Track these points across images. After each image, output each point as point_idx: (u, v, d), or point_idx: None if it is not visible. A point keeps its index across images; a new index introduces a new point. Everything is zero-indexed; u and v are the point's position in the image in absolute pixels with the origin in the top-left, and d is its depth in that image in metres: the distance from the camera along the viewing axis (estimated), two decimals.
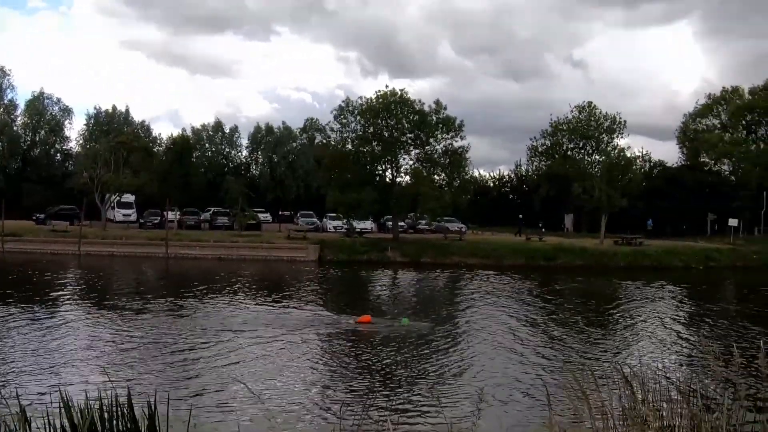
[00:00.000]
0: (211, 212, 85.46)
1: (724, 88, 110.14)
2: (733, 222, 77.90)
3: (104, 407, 7.47)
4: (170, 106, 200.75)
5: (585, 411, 8.24)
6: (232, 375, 19.28)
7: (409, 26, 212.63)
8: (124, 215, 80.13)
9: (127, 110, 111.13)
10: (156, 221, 76.04)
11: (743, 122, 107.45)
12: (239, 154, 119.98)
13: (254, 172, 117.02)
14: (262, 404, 16.22)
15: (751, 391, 11.92)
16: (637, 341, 27.44)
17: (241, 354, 22.13)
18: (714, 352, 9.34)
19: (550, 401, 9.32)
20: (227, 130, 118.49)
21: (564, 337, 27.50)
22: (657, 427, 7.71)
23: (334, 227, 78.90)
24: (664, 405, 8.33)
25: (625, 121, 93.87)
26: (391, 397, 17.59)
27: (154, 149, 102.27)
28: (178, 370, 19.77)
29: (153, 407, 7.65)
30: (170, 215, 70.55)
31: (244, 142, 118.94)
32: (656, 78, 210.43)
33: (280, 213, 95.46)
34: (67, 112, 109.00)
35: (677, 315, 35.73)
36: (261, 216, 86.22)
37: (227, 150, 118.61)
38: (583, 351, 24.33)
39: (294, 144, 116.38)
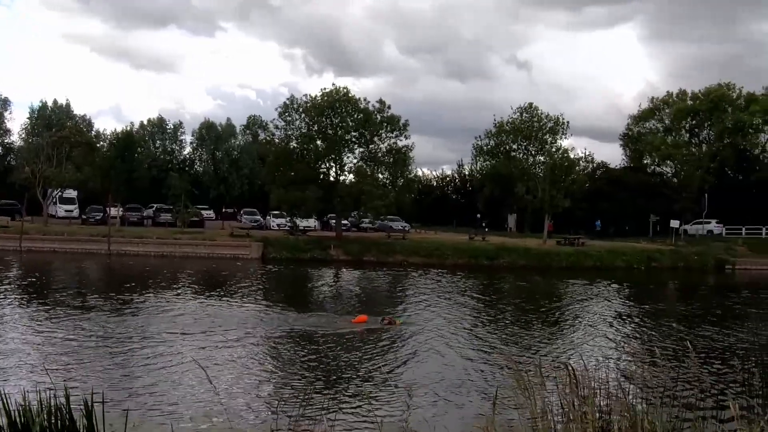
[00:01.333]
0: (154, 209, 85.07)
1: (668, 92, 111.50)
2: (674, 223, 79.01)
3: (43, 407, 7.53)
4: (113, 101, 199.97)
5: (526, 409, 8.46)
6: (170, 374, 19.31)
7: (353, 24, 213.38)
8: (66, 211, 79.08)
9: (68, 104, 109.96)
10: (98, 217, 75.44)
11: (686, 125, 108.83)
12: (183, 150, 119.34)
13: (198, 168, 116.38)
14: (201, 403, 16.32)
15: (687, 388, 12.27)
16: (579, 340, 27.77)
17: (181, 353, 21.99)
18: (653, 351, 9.62)
19: (494, 399, 9.51)
20: (171, 126, 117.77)
21: (506, 335, 27.77)
22: (597, 425, 7.95)
23: (278, 225, 78.81)
24: (605, 402, 8.57)
25: (568, 122, 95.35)
26: (329, 396, 17.68)
27: (98, 144, 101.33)
28: (117, 370, 19.67)
29: (91, 407, 7.73)
30: (113, 211, 69.96)
31: (188, 138, 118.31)
32: (600, 80, 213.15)
33: (223, 210, 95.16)
34: (5, 103, 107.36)
35: (619, 314, 36.17)
36: (204, 213, 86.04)
37: (171, 146, 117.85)
38: (525, 349, 24.55)
39: (237, 141, 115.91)
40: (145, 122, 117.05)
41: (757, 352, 15.29)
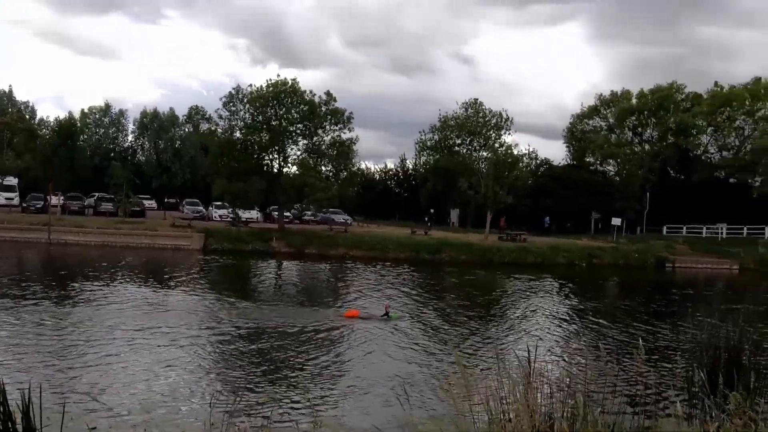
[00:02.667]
0: (95, 198, 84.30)
1: (612, 91, 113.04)
2: (616, 221, 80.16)
3: None
4: (56, 87, 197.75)
5: (466, 404, 8.62)
6: (109, 366, 19.25)
7: (298, 16, 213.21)
8: (6, 198, 77.67)
9: (10, 90, 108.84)
10: (39, 206, 74.31)
11: (629, 124, 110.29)
12: (126, 139, 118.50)
13: (140, 158, 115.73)
14: (139, 395, 16.34)
15: (630, 383, 12.51)
16: (520, 335, 27.80)
17: (121, 345, 21.91)
18: (595, 347, 9.82)
19: (448, 387, 9.68)
20: (114, 115, 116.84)
21: (447, 330, 27.87)
22: (538, 420, 8.13)
23: (220, 216, 78.64)
24: (546, 397, 8.77)
25: (512, 119, 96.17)
26: (267, 388, 17.72)
27: (40, 132, 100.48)
28: (56, 362, 19.45)
29: (28, 400, 7.78)
30: (54, 200, 69.37)
31: (131, 127, 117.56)
32: (544, 78, 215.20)
33: (165, 200, 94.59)
34: None
35: (560, 310, 36.68)
36: (146, 203, 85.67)
37: (114, 135, 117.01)
38: (466, 344, 24.68)
39: (180, 131, 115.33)
40: (87, 110, 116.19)
41: (699, 349, 15.57)
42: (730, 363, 13.66)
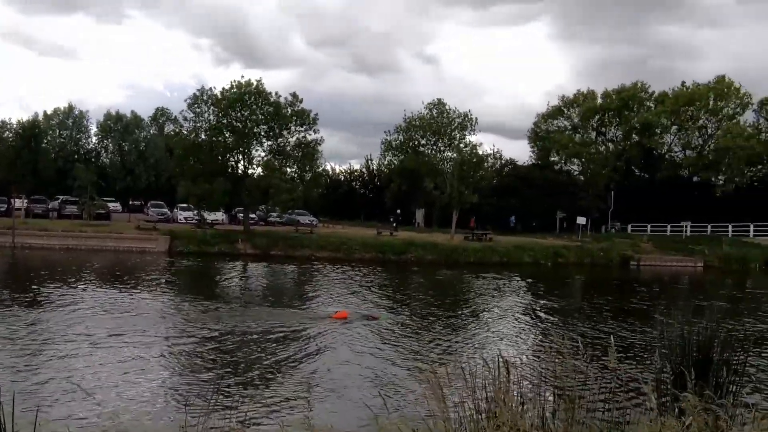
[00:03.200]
0: (60, 201, 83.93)
1: (579, 90, 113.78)
2: (581, 220, 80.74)
3: None
4: (18, 89, 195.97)
5: (434, 404, 8.69)
6: (77, 371, 19.15)
7: (261, 15, 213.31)
8: None
9: None
10: (2, 209, 73.86)
11: (593, 124, 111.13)
12: (89, 141, 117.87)
13: (104, 160, 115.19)
14: (109, 401, 16.29)
15: (602, 380, 12.65)
16: (490, 334, 27.84)
17: (89, 350, 21.76)
18: (565, 344, 9.92)
19: (431, 388, 9.73)
20: (76, 116, 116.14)
21: (415, 330, 27.80)
22: (512, 417, 8.22)
23: (185, 218, 78.62)
24: (519, 395, 8.86)
25: (476, 119, 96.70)
26: (240, 393, 17.65)
27: (2, 134, 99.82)
28: (22, 368, 19.32)
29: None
30: (17, 203, 69.03)
31: (94, 129, 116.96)
32: (508, 78, 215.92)
33: (130, 203, 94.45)
34: None
35: (528, 308, 36.71)
36: (111, 205, 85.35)
37: (77, 137, 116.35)
38: (439, 344, 24.77)
39: (144, 132, 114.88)
40: (50, 112, 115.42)
41: (668, 345, 15.72)
42: (700, 359, 13.85)
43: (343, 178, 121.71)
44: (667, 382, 14.44)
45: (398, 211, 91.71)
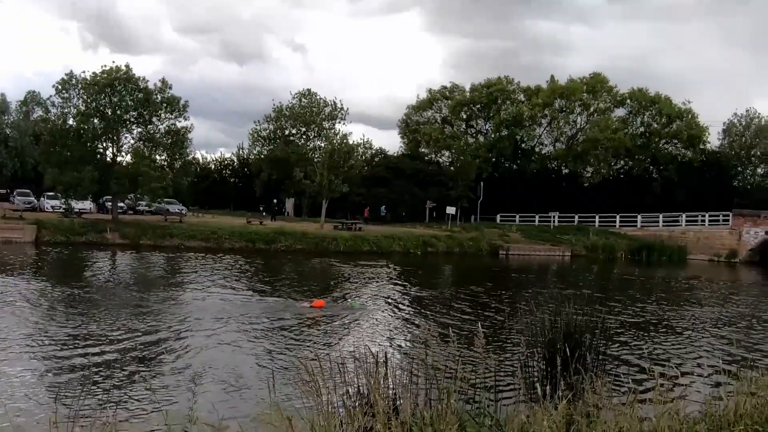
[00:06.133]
0: None
1: (452, 82, 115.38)
2: (450, 210, 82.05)
3: None
4: None
5: (312, 398, 8.69)
6: None
7: None
8: None
9: None
10: None
11: (463, 116, 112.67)
12: None
13: None
14: None
15: (472, 368, 12.76)
16: (364, 323, 27.97)
17: None
18: (435, 333, 9.99)
19: (275, 389, 9.70)
20: None
21: (290, 322, 27.69)
22: (388, 406, 8.25)
23: (52, 207, 76.76)
24: (394, 385, 8.90)
25: (347, 109, 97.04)
26: (114, 388, 17.27)
27: None
28: None
29: None
30: None
31: None
32: (379, 69, 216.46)
33: None
34: None
35: (398, 298, 37.05)
36: None
37: None
38: (316, 335, 24.83)
39: (10, 118, 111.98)
40: None
41: (538, 332, 16.02)
42: (570, 345, 14.11)
43: (213, 167, 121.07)
44: (533, 367, 14.72)
45: (275, 200, 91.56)
